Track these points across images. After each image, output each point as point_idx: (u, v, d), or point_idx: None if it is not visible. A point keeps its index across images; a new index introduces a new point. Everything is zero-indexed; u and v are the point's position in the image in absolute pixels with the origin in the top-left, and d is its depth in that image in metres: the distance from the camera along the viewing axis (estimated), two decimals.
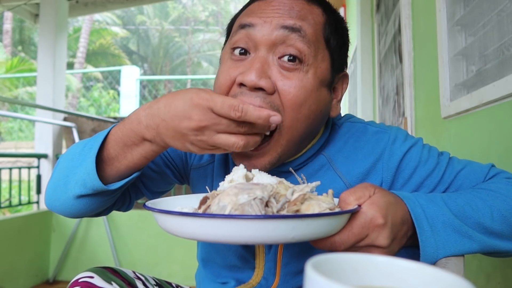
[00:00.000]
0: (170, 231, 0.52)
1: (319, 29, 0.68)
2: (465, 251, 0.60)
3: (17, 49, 14.60)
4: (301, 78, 0.65)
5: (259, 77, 0.63)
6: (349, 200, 0.55)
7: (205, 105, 0.56)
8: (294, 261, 0.74)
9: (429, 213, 0.59)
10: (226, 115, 0.56)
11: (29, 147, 10.25)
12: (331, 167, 0.74)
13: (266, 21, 0.65)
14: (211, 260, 0.82)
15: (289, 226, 0.48)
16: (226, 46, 0.73)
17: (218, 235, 0.48)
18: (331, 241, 0.54)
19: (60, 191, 0.68)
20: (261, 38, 0.65)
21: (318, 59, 0.67)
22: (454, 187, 0.72)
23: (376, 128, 0.76)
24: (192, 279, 1.00)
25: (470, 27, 1.21)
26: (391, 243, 0.56)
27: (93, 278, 0.67)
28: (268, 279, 0.75)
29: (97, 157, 0.64)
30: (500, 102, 0.94)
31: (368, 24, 3.34)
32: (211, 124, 0.57)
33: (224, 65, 0.69)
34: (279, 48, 0.65)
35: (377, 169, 0.72)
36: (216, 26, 20.22)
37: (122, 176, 0.67)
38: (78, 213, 0.70)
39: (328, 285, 0.27)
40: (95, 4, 4.01)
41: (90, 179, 0.64)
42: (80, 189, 0.65)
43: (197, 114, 0.57)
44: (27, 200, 3.19)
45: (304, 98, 0.65)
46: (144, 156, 0.65)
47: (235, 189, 0.51)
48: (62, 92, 3.41)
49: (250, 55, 0.67)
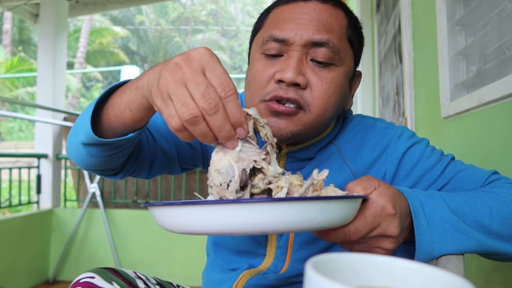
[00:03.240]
0: (175, 227, 0.48)
1: (343, 33, 0.74)
2: (462, 248, 0.60)
3: (17, 49, 14.60)
4: (332, 75, 0.71)
5: (296, 75, 0.68)
6: (356, 189, 0.57)
7: (206, 61, 0.52)
8: (303, 248, 0.76)
9: (427, 208, 0.60)
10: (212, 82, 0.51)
11: (29, 147, 10.27)
12: (340, 156, 0.78)
13: (297, 34, 0.71)
14: (223, 245, 0.84)
15: (317, 209, 0.46)
16: (256, 46, 0.76)
17: (233, 225, 0.44)
18: (345, 231, 0.54)
19: (73, 136, 0.72)
20: (293, 46, 0.71)
21: (346, 59, 0.74)
22: (453, 184, 0.73)
23: (385, 124, 0.81)
24: (192, 279, 1.00)
25: (470, 27, 1.21)
26: (400, 233, 0.57)
27: (94, 278, 0.67)
28: (277, 264, 0.77)
29: (101, 111, 0.67)
30: (500, 102, 0.94)
31: (368, 24, 3.33)
32: (189, 71, 0.51)
33: (258, 63, 0.73)
34: (310, 53, 0.71)
35: (382, 160, 0.76)
36: (216, 26, 20.22)
37: (113, 129, 0.68)
38: (88, 164, 0.72)
39: (328, 285, 0.27)
40: (95, 4, 4.01)
41: (88, 128, 0.66)
42: (83, 137, 0.68)
43: (189, 57, 0.52)
44: (27, 200, 3.19)
45: (333, 92, 0.71)
46: (128, 104, 0.63)
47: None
48: (62, 92, 3.41)
49: (283, 56, 0.72)
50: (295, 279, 0.76)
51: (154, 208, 0.50)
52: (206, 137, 0.51)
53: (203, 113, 0.49)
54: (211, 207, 0.45)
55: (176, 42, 18.85)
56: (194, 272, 2.23)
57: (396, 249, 0.59)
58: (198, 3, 19.96)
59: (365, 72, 3.32)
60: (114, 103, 0.66)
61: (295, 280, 0.76)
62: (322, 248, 0.75)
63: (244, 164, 0.52)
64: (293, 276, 0.76)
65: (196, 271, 1.07)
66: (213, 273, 0.85)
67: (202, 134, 0.51)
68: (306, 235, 0.76)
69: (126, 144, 0.70)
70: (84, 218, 3.17)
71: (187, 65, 0.51)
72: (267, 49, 0.72)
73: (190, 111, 0.49)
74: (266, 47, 0.73)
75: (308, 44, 0.70)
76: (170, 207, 0.48)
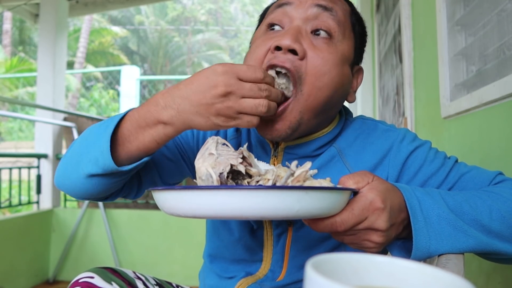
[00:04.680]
0: (174, 210, 0.52)
1: (347, 15, 0.76)
2: (460, 246, 0.60)
3: (17, 49, 14.60)
4: (330, 51, 0.71)
5: (294, 41, 0.68)
6: (348, 183, 0.57)
7: (231, 72, 0.61)
8: (301, 255, 0.76)
9: (424, 204, 0.60)
10: (251, 79, 0.61)
11: (29, 147, 10.26)
12: (341, 159, 0.77)
13: (302, 1, 0.72)
14: (219, 256, 0.83)
15: (294, 198, 0.48)
16: (260, 26, 0.78)
17: (219, 209, 0.48)
18: (331, 221, 0.55)
19: (71, 169, 0.70)
20: (296, 13, 0.72)
21: (345, 37, 0.74)
22: (458, 188, 0.72)
23: (387, 127, 0.80)
24: (192, 279, 1.00)
25: (470, 27, 1.21)
26: (389, 227, 0.57)
27: (93, 278, 0.67)
28: (275, 271, 0.77)
29: (112, 138, 0.65)
30: (500, 102, 0.94)
31: (368, 24, 3.32)
32: (236, 88, 0.60)
33: (259, 39, 0.74)
34: (312, 23, 0.71)
35: (384, 164, 0.75)
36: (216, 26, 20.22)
37: (132, 159, 0.68)
38: (85, 193, 0.71)
39: (328, 285, 0.27)
40: (95, 4, 4.01)
41: (103, 158, 0.64)
42: (92, 168, 0.66)
43: (223, 80, 0.60)
44: (27, 200, 3.19)
45: (329, 69, 0.70)
46: (155, 140, 0.65)
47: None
48: (62, 92, 3.41)
49: (284, 28, 0.73)
50: (293, 286, 0.75)
51: (157, 192, 0.54)
52: (275, 108, 0.66)
53: (267, 96, 0.62)
54: (199, 192, 0.49)
55: (176, 42, 18.86)
56: (194, 272, 2.23)
57: (389, 243, 0.59)
58: (198, 3, 19.96)
59: (365, 72, 3.30)
60: (132, 140, 0.66)
61: (293, 287, 0.76)
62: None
63: (221, 168, 0.56)
64: (291, 283, 0.75)
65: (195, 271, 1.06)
66: (210, 278, 0.84)
67: (275, 107, 0.65)
68: (303, 241, 0.76)
69: (139, 167, 0.70)
70: (84, 218, 3.17)
71: (226, 89, 0.60)
72: (271, 18, 0.74)
73: (263, 104, 0.61)
74: (269, 17, 0.75)
75: (311, 13, 0.71)
76: (168, 191, 0.52)
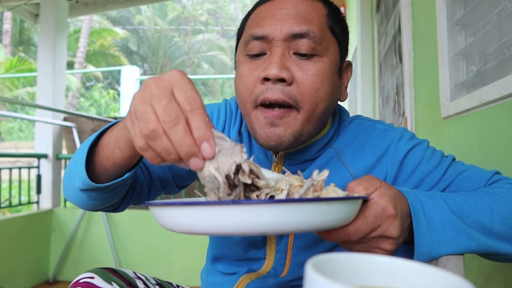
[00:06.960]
0: (176, 227, 0.47)
1: (323, 23, 0.73)
2: (462, 249, 0.60)
3: (17, 49, 14.60)
4: (317, 67, 0.70)
5: (280, 69, 0.68)
6: (357, 189, 0.56)
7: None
8: (303, 252, 0.76)
9: (427, 208, 0.60)
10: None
11: (29, 147, 10.26)
12: (339, 160, 0.77)
13: (276, 29, 0.70)
14: (223, 256, 0.84)
15: (316, 210, 0.45)
16: (240, 49, 0.76)
17: (233, 226, 0.43)
18: (345, 230, 0.53)
19: (69, 182, 0.70)
20: (274, 41, 0.71)
21: (329, 47, 0.73)
22: (455, 186, 0.72)
23: (385, 126, 0.80)
24: (192, 279, 1.00)
25: (470, 27, 1.21)
26: (400, 234, 0.56)
27: (93, 278, 0.67)
28: (278, 268, 0.77)
29: (94, 154, 0.65)
30: (500, 102, 0.94)
31: (368, 24, 3.34)
32: None
33: (243, 66, 0.73)
34: (292, 46, 0.70)
35: (382, 163, 0.75)
36: (216, 26, 20.22)
37: (109, 173, 0.66)
38: (87, 206, 0.71)
39: (328, 285, 0.27)
40: (95, 4, 4.01)
41: (83, 175, 0.64)
42: (79, 183, 0.66)
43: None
44: (27, 200, 3.19)
45: (321, 83, 0.70)
46: (116, 142, 0.61)
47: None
48: (62, 92, 3.41)
49: (266, 54, 0.72)
50: (295, 282, 0.76)
51: (155, 208, 0.49)
52: (169, 154, 0.46)
53: (163, 126, 0.45)
54: (211, 208, 0.44)
55: (176, 42, 18.86)
56: (194, 273, 2.23)
57: (396, 250, 0.59)
58: (198, 3, 19.95)
59: (365, 72, 3.32)
60: (103, 144, 0.64)
61: (295, 284, 0.76)
62: (322, 252, 0.75)
63: (226, 170, 0.47)
64: (293, 280, 0.76)
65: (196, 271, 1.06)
66: (212, 275, 0.85)
67: (164, 150, 0.46)
68: (305, 239, 0.76)
69: (123, 184, 0.68)
70: (84, 218, 3.17)
71: (155, 84, 0.48)
72: (250, 49, 0.72)
73: (148, 125, 0.46)
74: (248, 47, 0.73)
75: (289, 37, 0.70)
76: (170, 208, 0.47)
